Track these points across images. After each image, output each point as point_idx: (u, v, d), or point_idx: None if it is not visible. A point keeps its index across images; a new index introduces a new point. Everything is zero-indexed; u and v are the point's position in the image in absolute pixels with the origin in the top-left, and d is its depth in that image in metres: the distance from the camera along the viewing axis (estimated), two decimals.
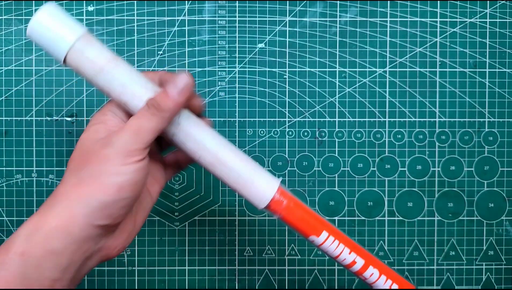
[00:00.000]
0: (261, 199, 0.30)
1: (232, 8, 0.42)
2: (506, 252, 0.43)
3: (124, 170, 0.27)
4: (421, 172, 0.43)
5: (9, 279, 0.25)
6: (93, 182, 0.27)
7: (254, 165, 0.31)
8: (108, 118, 0.30)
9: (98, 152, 0.27)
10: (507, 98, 0.43)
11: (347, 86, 0.43)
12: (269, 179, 0.30)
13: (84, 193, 0.27)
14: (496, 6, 0.43)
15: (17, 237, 0.26)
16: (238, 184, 0.30)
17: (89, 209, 0.27)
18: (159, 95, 0.28)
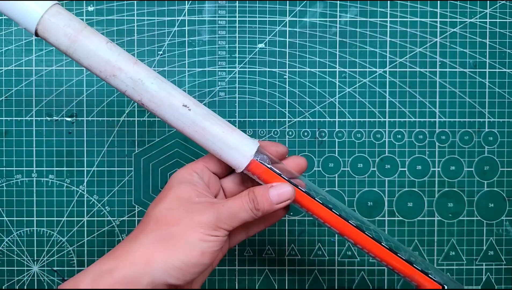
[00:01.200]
0: (240, 163, 0.30)
1: (232, 8, 0.42)
2: (506, 252, 0.43)
3: (210, 239, 0.29)
4: (421, 172, 0.43)
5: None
6: (180, 243, 0.28)
7: (229, 129, 0.31)
8: (196, 181, 0.31)
9: (192, 216, 0.29)
10: (507, 98, 0.43)
11: (347, 86, 0.43)
12: (247, 141, 0.31)
13: (168, 250, 0.28)
14: (496, 6, 0.43)
15: (85, 277, 0.28)
16: (216, 148, 0.30)
17: (168, 266, 0.28)
18: (261, 195, 0.30)
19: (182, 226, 0.29)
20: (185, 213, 0.29)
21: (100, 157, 0.42)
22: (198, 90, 0.42)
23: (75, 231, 0.43)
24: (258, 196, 0.30)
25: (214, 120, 0.30)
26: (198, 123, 0.30)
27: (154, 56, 0.42)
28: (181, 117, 0.30)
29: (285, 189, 0.30)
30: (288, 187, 0.30)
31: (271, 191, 0.30)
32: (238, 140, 0.30)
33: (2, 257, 0.43)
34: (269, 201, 0.30)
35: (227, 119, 0.42)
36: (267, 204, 0.30)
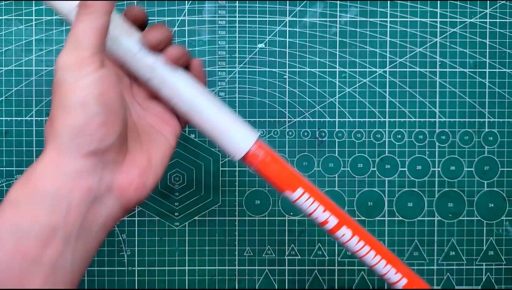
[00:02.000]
0: (238, 150, 0.30)
1: (232, 8, 0.42)
2: (506, 252, 0.43)
3: (81, 85, 0.24)
4: (421, 172, 0.43)
5: (1, 230, 0.23)
6: (59, 112, 0.24)
7: (232, 116, 0.30)
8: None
9: (54, 82, 0.25)
10: (507, 98, 0.43)
11: (347, 86, 0.43)
12: (248, 131, 0.30)
13: (56, 126, 0.24)
14: (496, 6, 0.43)
15: (11, 187, 0.25)
16: (215, 134, 0.30)
17: (67, 139, 0.24)
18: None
19: (53, 97, 0.25)
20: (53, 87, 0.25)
21: None
22: None
23: None
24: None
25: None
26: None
27: None
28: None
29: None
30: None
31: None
32: (234, 133, 0.30)
33: None
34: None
35: None
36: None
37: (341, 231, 0.31)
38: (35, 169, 0.25)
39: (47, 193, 0.24)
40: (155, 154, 0.29)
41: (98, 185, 0.25)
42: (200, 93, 0.30)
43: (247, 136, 0.30)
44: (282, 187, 0.31)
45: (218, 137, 0.30)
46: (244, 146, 0.30)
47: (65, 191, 0.24)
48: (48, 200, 0.24)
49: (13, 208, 0.24)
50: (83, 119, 0.24)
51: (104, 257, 0.43)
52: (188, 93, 0.29)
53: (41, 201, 0.24)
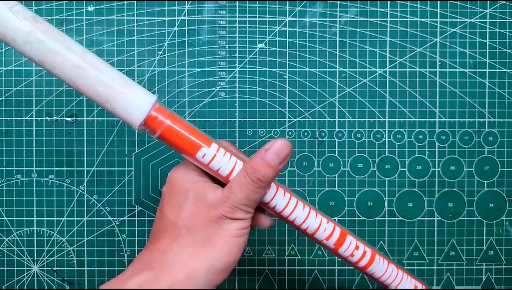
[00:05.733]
0: (136, 115, 0.27)
1: (232, 8, 0.42)
2: (506, 252, 0.43)
3: (242, 233, 0.29)
4: (421, 172, 0.43)
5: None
6: (217, 244, 0.28)
7: (127, 78, 0.28)
8: (200, 172, 0.31)
9: (216, 216, 0.28)
10: (507, 98, 0.43)
11: (347, 86, 0.43)
12: (144, 93, 0.28)
13: (207, 255, 0.28)
14: (496, 6, 0.43)
15: (127, 285, 0.28)
16: (109, 97, 0.27)
17: (210, 273, 0.28)
18: (261, 166, 0.28)
19: (213, 229, 0.28)
20: (209, 215, 0.29)
21: (100, 157, 0.42)
22: (198, 90, 0.42)
23: (75, 231, 0.43)
24: (259, 168, 0.28)
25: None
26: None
27: (154, 56, 0.42)
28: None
29: (279, 144, 0.28)
30: (280, 141, 0.28)
31: (267, 155, 0.28)
32: (132, 92, 0.27)
33: (2, 257, 0.43)
34: (270, 165, 0.28)
35: (227, 119, 0.42)
36: (271, 170, 0.28)
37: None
38: (160, 277, 0.28)
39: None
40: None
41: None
42: (88, 51, 0.27)
43: (144, 99, 0.28)
44: (195, 147, 0.29)
45: (112, 102, 0.27)
46: (142, 110, 0.27)
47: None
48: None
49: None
50: (234, 260, 0.29)
51: (104, 257, 0.43)
52: (78, 47, 0.27)
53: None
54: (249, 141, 0.43)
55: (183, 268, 0.28)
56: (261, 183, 0.28)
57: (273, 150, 0.28)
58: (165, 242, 0.29)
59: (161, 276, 0.28)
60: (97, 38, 0.42)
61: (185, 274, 0.28)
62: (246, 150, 0.43)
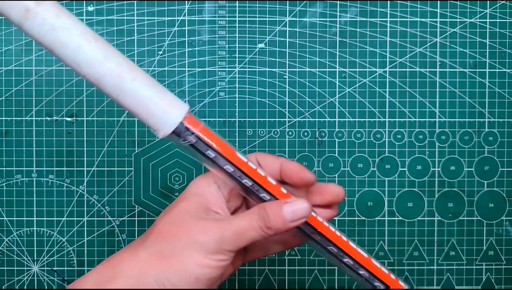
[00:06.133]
0: (165, 125, 0.27)
1: (232, 8, 0.42)
2: (506, 252, 0.43)
3: (208, 264, 0.27)
4: (421, 172, 0.43)
5: None
6: (175, 263, 0.26)
7: (159, 86, 0.28)
8: (212, 192, 0.29)
9: (192, 234, 0.27)
10: (507, 98, 0.43)
11: (347, 86, 0.43)
12: (177, 103, 0.28)
13: (160, 270, 0.26)
14: (496, 6, 0.43)
15: (85, 284, 0.27)
16: (138, 106, 0.27)
17: (159, 287, 0.26)
18: (273, 212, 0.27)
19: (180, 244, 0.27)
20: (186, 229, 0.27)
21: (100, 157, 0.42)
22: (198, 90, 0.42)
23: (75, 231, 0.43)
24: (271, 213, 0.27)
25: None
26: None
27: (154, 56, 0.42)
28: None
29: (300, 206, 0.27)
30: (304, 203, 0.27)
31: (285, 207, 0.27)
32: (166, 102, 0.27)
33: (2, 257, 0.43)
34: (283, 219, 0.27)
35: (227, 119, 0.42)
36: (280, 222, 0.27)
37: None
38: (112, 278, 0.27)
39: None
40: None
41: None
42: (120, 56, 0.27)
43: (176, 109, 0.27)
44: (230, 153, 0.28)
45: (141, 111, 0.27)
46: (173, 120, 0.27)
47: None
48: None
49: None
50: (186, 286, 0.26)
51: (104, 257, 0.43)
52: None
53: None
54: (249, 141, 0.43)
55: (137, 270, 0.27)
56: (265, 228, 0.27)
57: (293, 207, 0.27)
58: (137, 240, 0.29)
59: (117, 273, 0.27)
60: None
61: (136, 277, 0.27)
62: (246, 150, 0.43)
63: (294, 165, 0.30)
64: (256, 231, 0.27)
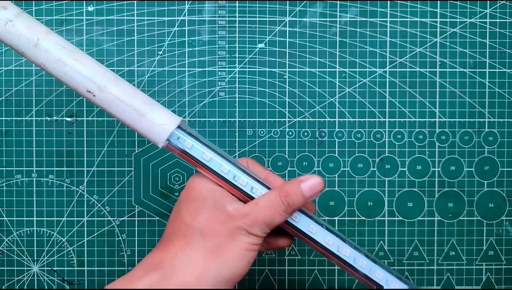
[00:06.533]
0: (160, 135, 0.30)
1: (232, 8, 0.42)
2: (506, 252, 0.43)
3: (253, 248, 0.29)
4: (421, 172, 0.43)
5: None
6: (228, 254, 0.29)
7: (151, 100, 0.30)
8: (220, 189, 0.31)
9: (233, 227, 0.29)
10: (507, 98, 0.43)
11: (347, 86, 0.43)
12: (169, 115, 0.30)
13: (217, 263, 0.29)
14: (496, 6, 0.43)
15: (137, 285, 0.28)
16: (134, 119, 0.30)
17: (217, 281, 0.28)
18: (295, 192, 0.30)
19: (226, 238, 0.29)
20: (225, 224, 0.29)
21: (100, 157, 0.42)
22: (198, 90, 0.42)
23: (75, 231, 0.43)
24: (292, 194, 0.30)
25: (121, 107, 0.30)
26: (106, 108, 0.30)
27: (154, 56, 0.42)
28: (90, 99, 0.30)
29: (315, 180, 0.30)
30: (317, 178, 0.30)
31: (303, 185, 0.30)
32: (151, 122, 0.30)
33: (2, 257, 0.43)
34: (303, 195, 0.30)
35: (227, 119, 0.42)
36: (301, 199, 0.30)
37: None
38: (171, 276, 0.29)
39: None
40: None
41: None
42: (113, 91, 0.30)
43: (169, 119, 0.30)
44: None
45: (137, 123, 0.30)
46: (165, 132, 0.30)
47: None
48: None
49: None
50: (242, 273, 0.29)
51: (104, 257, 0.43)
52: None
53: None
54: (249, 141, 0.43)
55: (191, 271, 0.28)
56: (289, 208, 0.30)
57: (309, 183, 0.30)
58: (178, 243, 0.30)
59: (169, 277, 0.28)
60: (97, 38, 0.42)
61: (193, 277, 0.28)
62: (246, 150, 0.43)
63: (278, 180, 0.33)
64: (281, 215, 0.30)
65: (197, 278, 0.28)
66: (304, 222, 0.31)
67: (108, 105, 0.30)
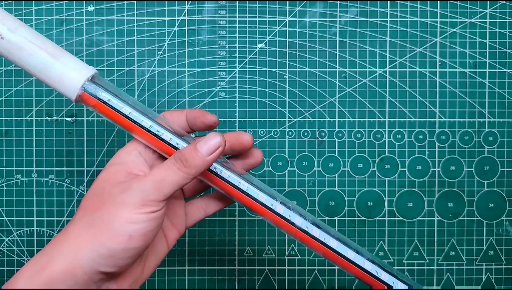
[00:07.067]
0: (75, 82, 0.28)
1: (232, 8, 0.42)
2: (506, 252, 0.43)
3: (138, 219, 0.26)
4: (421, 172, 0.43)
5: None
6: (104, 228, 0.26)
7: (63, 49, 0.28)
8: (132, 159, 0.29)
9: (115, 197, 0.27)
10: (507, 98, 0.43)
11: (347, 86, 0.43)
12: (82, 66, 0.28)
13: (92, 238, 0.26)
14: (496, 6, 0.43)
15: (21, 276, 0.26)
16: (46, 64, 0.28)
17: (95, 255, 0.26)
18: (188, 150, 0.28)
19: (105, 209, 0.27)
20: (108, 195, 0.27)
21: (100, 157, 0.42)
22: (198, 90, 0.42)
23: None
24: (186, 153, 0.27)
25: (32, 50, 0.27)
26: (14, 52, 0.27)
27: (154, 56, 0.42)
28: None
29: (213, 139, 0.28)
30: (216, 136, 0.28)
31: (199, 145, 0.28)
32: (66, 66, 0.28)
33: (2, 257, 0.43)
34: (199, 154, 0.27)
35: (227, 119, 0.42)
36: (198, 158, 0.27)
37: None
38: (49, 262, 0.27)
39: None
40: (151, 261, 0.31)
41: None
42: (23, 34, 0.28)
43: (81, 72, 0.28)
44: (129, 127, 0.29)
45: (46, 74, 0.28)
46: (78, 83, 0.28)
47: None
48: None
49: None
50: (121, 248, 0.26)
51: None
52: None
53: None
54: None
55: (71, 248, 0.26)
56: (183, 165, 0.27)
57: (206, 142, 0.28)
58: (66, 226, 0.28)
59: (52, 257, 0.27)
60: (97, 38, 0.42)
61: (72, 254, 0.26)
62: None
63: (196, 111, 0.31)
64: (176, 174, 0.27)
65: (75, 251, 0.26)
66: (235, 178, 0.30)
67: (17, 48, 0.27)
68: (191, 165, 0.27)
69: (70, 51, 0.42)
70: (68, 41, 0.42)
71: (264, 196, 0.30)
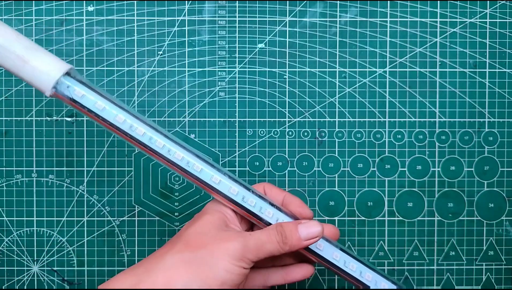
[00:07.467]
0: (45, 82, 0.28)
1: (232, 8, 0.42)
2: (506, 252, 0.43)
3: (233, 269, 0.29)
4: (421, 172, 0.43)
5: None
6: (203, 268, 0.29)
7: (36, 46, 0.29)
8: (230, 213, 0.33)
9: (219, 242, 0.29)
10: (507, 98, 0.43)
11: (347, 86, 0.43)
12: (56, 61, 0.29)
13: (190, 274, 0.29)
14: (496, 6, 0.43)
15: (117, 282, 0.29)
16: (17, 66, 0.28)
17: (188, 285, 0.28)
18: (290, 229, 0.31)
19: (208, 251, 0.29)
20: (213, 239, 0.30)
21: (100, 157, 0.42)
22: (198, 90, 0.42)
23: (75, 231, 0.43)
24: (287, 230, 0.30)
25: (2, 53, 0.28)
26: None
27: (154, 56, 0.42)
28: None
29: (314, 228, 0.31)
30: (318, 226, 0.31)
31: (300, 227, 0.31)
32: (35, 69, 0.28)
33: (2, 257, 0.43)
34: (298, 236, 0.30)
35: (227, 119, 0.42)
36: (295, 239, 0.30)
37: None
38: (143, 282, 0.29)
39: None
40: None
41: None
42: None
43: (56, 66, 0.29)
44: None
45: (21, 69, 0.29)
46: (50, 79, 0.28)
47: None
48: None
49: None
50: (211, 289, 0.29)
51: (104, 257, 0.43)
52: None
53: None
54: (249, 141, 0.43)
55: (163, 277, 0.29)
56: (282, 240, 0.30)
57: (307, 228, 0.31)
58: (161, 250, 0.30)
59: (141, 281, 0.29)
60: (97, 38, 0.42)
61: (163, 283, 0.28)
62: (246, 150, 0.43)
63: (295, 199, 0.34)
64: (273, 244, 0.30)
65: (167, 281, 0.28)
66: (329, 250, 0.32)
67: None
68: (287, 243, 0.30)
69: (70, 51, 0.42)
70: (68, 41, 0.42)
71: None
